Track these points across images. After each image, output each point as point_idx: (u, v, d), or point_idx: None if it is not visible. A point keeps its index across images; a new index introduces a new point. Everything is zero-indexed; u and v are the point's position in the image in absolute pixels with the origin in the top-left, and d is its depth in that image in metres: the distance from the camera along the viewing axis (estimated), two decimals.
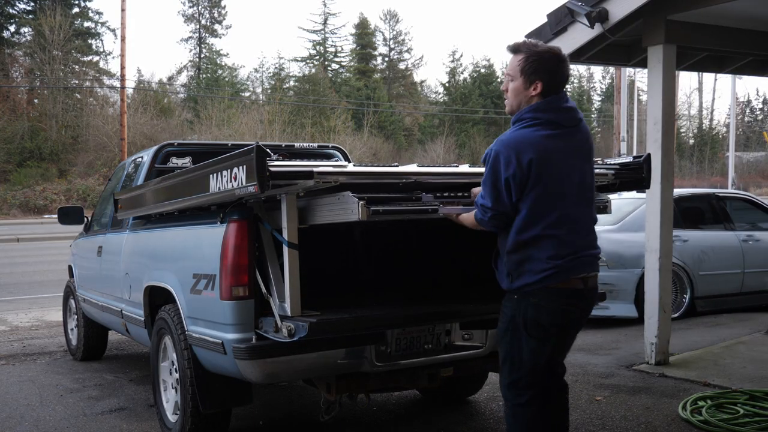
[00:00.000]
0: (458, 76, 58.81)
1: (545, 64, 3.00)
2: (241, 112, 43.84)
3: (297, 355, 3.35)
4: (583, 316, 3.14)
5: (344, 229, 4.00)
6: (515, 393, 3.10)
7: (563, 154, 2.97)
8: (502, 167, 2.89)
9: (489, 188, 2.95)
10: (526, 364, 3.04)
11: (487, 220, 3.02)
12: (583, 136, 3.09)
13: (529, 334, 3.01)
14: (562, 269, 2.94)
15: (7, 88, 39.57)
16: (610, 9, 5.47)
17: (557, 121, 2.99)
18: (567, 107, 3.07)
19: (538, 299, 2.98)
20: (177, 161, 5.26)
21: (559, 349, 3.16)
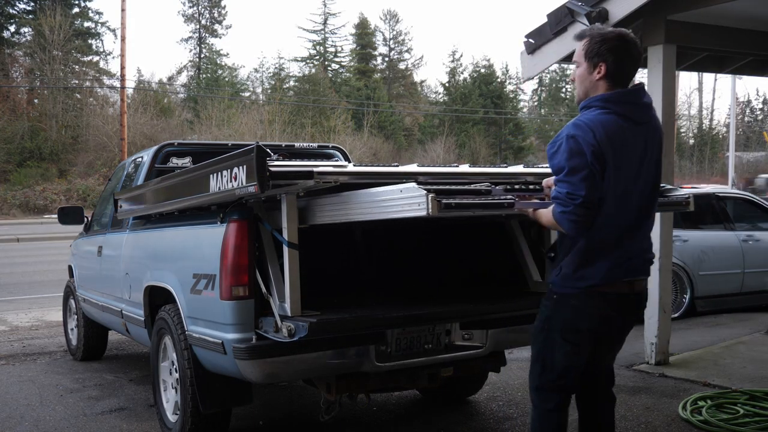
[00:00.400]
0: (458, 76, 58.77)
1: (608, 44, 2.76)
2: (241, 112, 43.83)
3: (297, 355, 3.35)
4: (628, 322, 2.96)
5: (344, 229, 4.00)
6: (543, 397, 2.97)
7: (631, 149, 2.75)
8: (585, 147, 2.63)
9: (571, 174, 2.64)
10: (557, 368, 2.90)
11: (572, 211, 2.64)
12: (654, 134, 2.85)
13: (564, 337, 2.86)
14: (608, 271, 2.77)
15: (7, 88, 39.56)
16: (610, 9, 5.47)
17: (627, 115, 2.76)
18: (640, 102, 2.83)
19: (577, 301, 2.81)
20: (177, 161, 5.26)
21: (598, 356, 2.98)
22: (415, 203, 2.64)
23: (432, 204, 2.57)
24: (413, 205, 2.65)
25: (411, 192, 2.67)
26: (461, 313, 3.84)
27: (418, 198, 2.63)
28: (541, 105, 69.35)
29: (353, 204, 3.03)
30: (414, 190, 2.66)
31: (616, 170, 2.69)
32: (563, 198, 2.66)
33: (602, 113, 2.72)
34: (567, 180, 2.66)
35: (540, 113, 66.96)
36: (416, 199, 2.64)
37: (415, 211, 2.64)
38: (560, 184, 2.69)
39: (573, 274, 2.80)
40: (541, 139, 60.07)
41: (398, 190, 2.76)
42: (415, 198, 2.64)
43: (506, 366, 4.49)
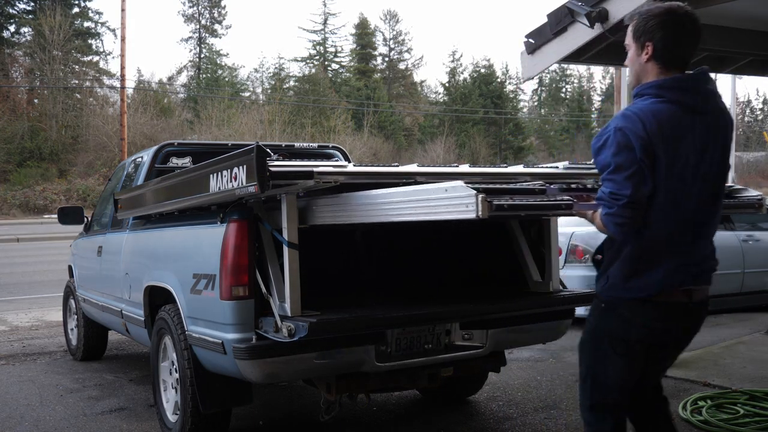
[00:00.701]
0: (458, 76, 58.82)
1: (655, 20, 2.46)
2: (241, 112, 43.84)
3: (297, 355, 3.35)
4: (687, 334, 2.71)
5: (344, 229, 4.00)
6: (597, 416, 2.68)
7: (689, 142, 2.44)
8: (633, 140, 2.37)
9: (616, 172, 2.39)
10: (610, 384, 2.63)
11: (616, 213, 2.38)
12: (718, 125, 2.51)
13: (614, 350, 2.60)
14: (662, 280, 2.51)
15: (7, 88, 39.57)
16: (610, 9, 5.46)
17: (684, 103, 2.45)
18: (700, 89, 2.51)
19: (627, 311, 2.55)
20: (177, 161, 5.26)
21: (653, 370, 2.74)
22: (462, 204, 2.39)
23: (482, 205, 2.31)
24: (459, 207, 2.41)
25: (457, 192, 2.42)
26: (461, 313, 3.84)
27: (465, 198, 2.37)
28: (541, 105, 69.37)
29: (386, 203, 2.86)
30: (461, 190, 2.40)
31: (669, 167, 2.41)
32: (607, 199, 2.41)
33: (655, 102, 2.44)
34: (611, 178, 2.41)
35: (540, 113, 66.97)
36: (463, 199, 2.38)
37: (462, 213, 2.39)
38: (605, 183, 2.44)
39: (622, 283, 2.54)
40: (541, 139, 60.11)
41: (442, 189, 2.50)
42: (463, 198, 2.38)
43: (506, 366, 4.49)
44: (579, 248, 7.73)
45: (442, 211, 2.51)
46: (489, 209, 2.31)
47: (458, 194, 2.41)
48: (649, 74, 2.50)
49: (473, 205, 2.34)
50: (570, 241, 7.72)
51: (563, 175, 3.75)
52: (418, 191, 2.68)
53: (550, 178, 3.80)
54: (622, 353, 2.60)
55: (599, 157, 2.47)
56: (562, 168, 3.82)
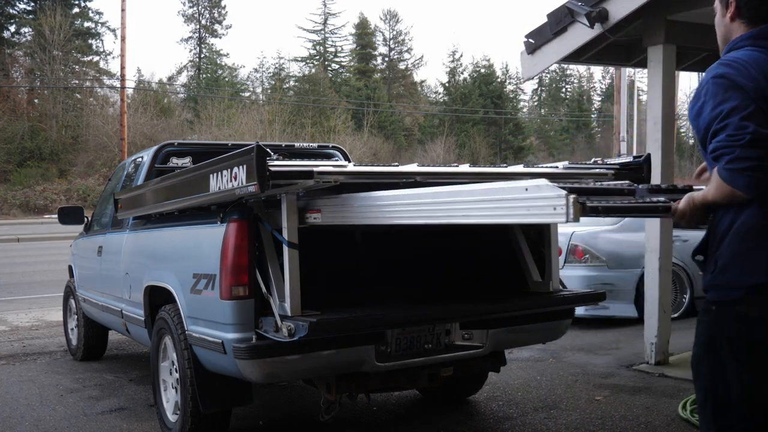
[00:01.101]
0: (458, 76, 58.80)
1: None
2: (241, 112, 43.84)
3: (297, 355, 3.35)
4: None
5: (344, 228, 4.00)
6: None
7: None
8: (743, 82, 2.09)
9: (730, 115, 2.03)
10: (737, 405, 2.15)
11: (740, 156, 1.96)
12: None
13: (737, 360, 2.14)
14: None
15: (7, 88, 39.57)
16: (610, 9, 5.46)
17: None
18: None
19: (746, 307, 2.13)
20: (177, 161, 5.26)
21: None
22: (549, 206, 2.08)
23: (574, 207, 2.00)
24: (545, 209, 2.10)
25: (543, 192, 2.12)
26: (461, 313, 3.84)
27: (553, 200, 2.07)
28: (541, 105, 69.36)
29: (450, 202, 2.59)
30: (547, 189, 2.10)
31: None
32: (724, 144, 2.00)
33: (752, 50, 2.21)
34: (724, 124, 2.03)
35: (540, 113, 66.96)
36: (550, 200, 2.08)
37: (548, 216, 2.10)
38: (717, 135, 2.04)
39: (732, 267, 2.14)
40: (541, 139, 60.09)
41: (521, 188, 2.20)
42: (550, 200, 2.08)
43: (506, 366, 4.49)
44: (579, 248, 7.73)
45: (521, 213, 2.23)
46: (581, 211, 2.02)
47: (543, 194, 2.11)
48: (735, 33, 2.35)
49: (563, 207, 2.03)
50: (570, 241, 7.72)
51: (563, 174, 3.75)
52: (490, 190, 2.40)
53: (550, 178, 3.81)
54: (749, 361, 2.13)
55: (700, 119, 2.13)
56: (562, 168, 3.82)
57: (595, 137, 62.75)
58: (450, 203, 2.59)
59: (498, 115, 54.67)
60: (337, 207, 3.23)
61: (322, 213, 3.29)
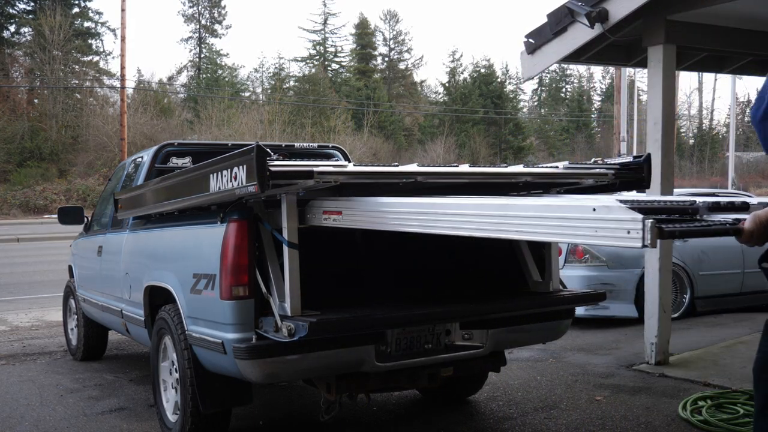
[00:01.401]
0: (458, 76, 58.82)
1: None
2: (241, 112, 43.85)
3: (297, 355, 3.35)
4: None
5: (344, 228, 3.99)
6: None
7: None
8: None
9: None
10: None
11: None
12: None
13: None
14: None
15: (7, 88, 39.58)
16: (610, 9, 5.47)
17: None
18: None
19: None
20: (177, 161, 5.26)
21: None
22: (622, 230, 1.96)
23: (652, 233, 1.89)
24: (617, 232, 1.98)
25: (615, 214, 2.00)
26: (461, 313, 3.84)
27: (628, 223, 1.95)
28: (541, 105, 69.36)
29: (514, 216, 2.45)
30: (620, 212, 1.98)
31: None
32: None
33: None
34: None
35: (540, 113, 66.95)
36: (625, 224, 1.96)
37: (621, 239, 1.97)
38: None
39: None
40: (541, 139, 60.09)
41: (588, 207, 2.07)
42: (624, 223, 1.96)
43: (506, 366, 4.49)
44: (579, 248, 7.73)
45: (589, 234, 2.09)
46: (659, 236, 1.91)
47: (616, 217, 1.98)
48: None
49: (638, 231, 1.91)
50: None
51: (563, 174, 3.75)
52: (555, 207, 2.27)
53: (550, 178, 3.81)
54: None
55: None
56: (562, 168, 3.82)
57: (595, 137, 62.75)
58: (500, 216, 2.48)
59: (498, 115, 54.67)
60: (362, 211, 3.11)
61: (343, 215, 3.21)
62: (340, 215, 3.23)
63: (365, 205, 3.11)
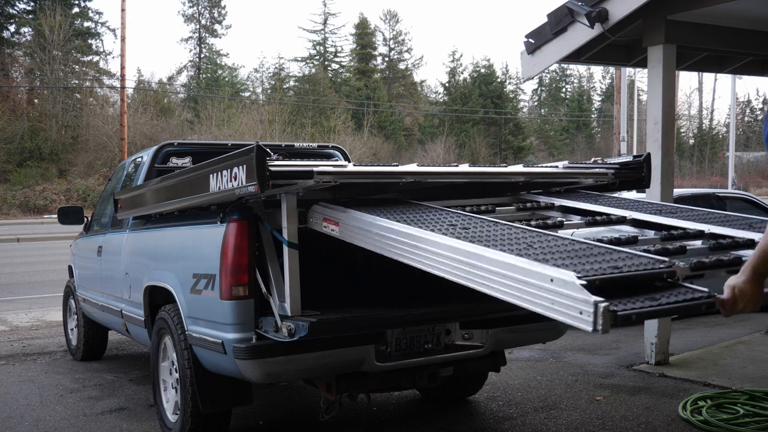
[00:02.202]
0: (458, 76, 58.81)
1: None
2: (241, 112, 43.86)
3: (297, 355, 3.35)
4: None
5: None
6: None
7: None
8: None
9: None
10: None
11: None
12: None
13: None
14: None
15: (7, 88, 39.58)
16: (610, 9, 5.47)
17: None
18: None
19: None
20: (177, 161, 5.26)
21: None
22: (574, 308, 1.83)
23: (604, 318, 1.75)
24: (570, 309, 1.85)
25: (568, 289, 1.86)
26: (461, 312, 3.84)
27: (579, 303, 1.82)
28: (541, 105, 69.35)
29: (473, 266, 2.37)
30: (573, 288, 1.84)
31: None
32: None
33: None
34: None
35: (540, 113, 66.95)
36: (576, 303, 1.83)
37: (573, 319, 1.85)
38: None
39: None
40: (541, 139, 60.09)
41: (546, 276, 1.96)
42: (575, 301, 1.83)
43: (506, 366, 4.49)
44: None
45: (543, 304, 1.97)
46: (612, 321, 1.77)
47: (568, 293, 1.84)
48: None
49: (590, 315, 1.78)
50: None
51: (563, 174, 3.76)
52: (515, 267, 2.14)
53: (550, 177, 3.81)
54: None
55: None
56: (562, 168, 3.82)
57: (595, 137, 62.74)
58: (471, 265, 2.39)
59: (498, 115, 54.67)
60: (354, 228, 3.13)
61: (340, 227, 3.22)
62: (338, 226, 3.25)
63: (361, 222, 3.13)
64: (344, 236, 3.21)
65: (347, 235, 3.19)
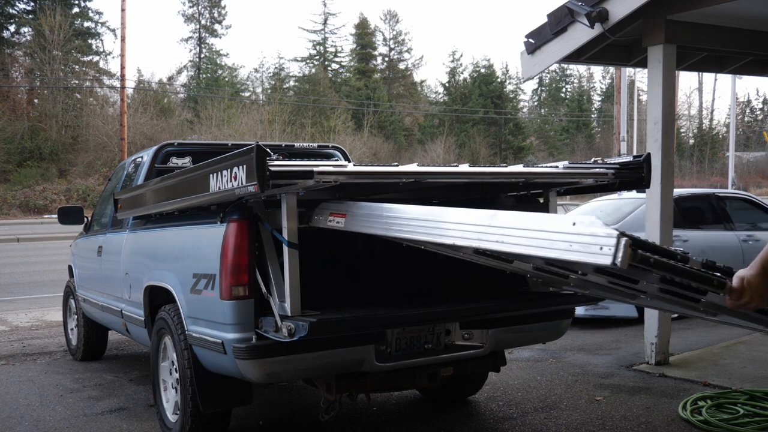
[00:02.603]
0: (458, 76, 58.81)
1: None
2: (241, 112, 43.87)
3: (297, 355, 3.35)
4: None
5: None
6: None
7: None
8: None
9: None
10: None
11: None
12: None
13: None
14: None
15: (7, 88, 39.58)
16: (610, 9, 5.47)
17: None
18: None
19: None
20: (177, 161, 5.26)
21: None
22: (594, 245, 1.94)
23: (624, 252, 1.85)
24: (590, 248, 1.95)
25: (590, 229, 1.97)
26: (461, 313, 3.84)
27: (601, 239, 1.92)
28: (541, 105, 69.35)
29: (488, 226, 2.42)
30: (596, 227, 1.95)
31: None
32: None
33: None
34: None
35: (540, 113, 66.95)
36: (598, 239, 1.93)
37: (592, 255, 1.93)
38: None
39: None
40: (541, 139, 60.10)
41: (568, 221, 2.07)
42: (597, 238, 1.93)
43: (506, 366, 4.49)
44: None
45: (562, 248, 2.05)
46: (632, 257, 1.87)
47: (591, 232, 1.96)
48: None
49: (611, 248, 1.88)
50: None
51: (563, 174, 3.75)
52: (532, 220, 2.25)
53: (550, 177, 3.80)
54: None
55: None
56: (562, 167, 3.82)
57: (595, 137, 62.74)
58: (485, 226, 2.43)
59: (498, 115, 54.67)
60: (362, 216, 3.14)
61: (347, 218, 3.22)
62: (344, 217, 3.26)
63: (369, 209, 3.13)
64: (350, 226, 3.20)
65: (353, 225, 3.18)
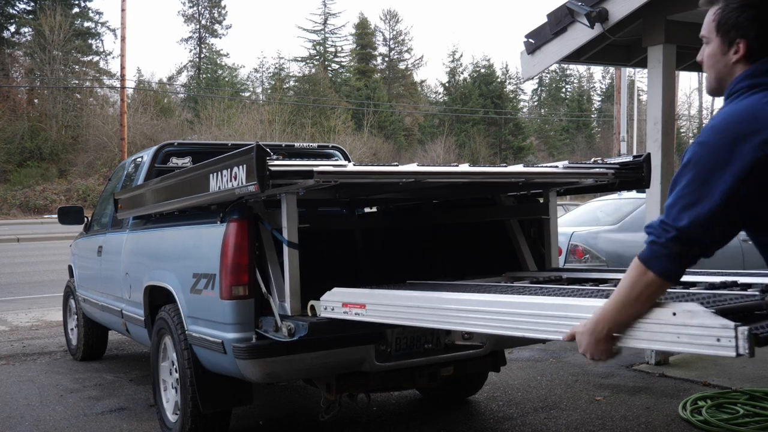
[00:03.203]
0: (458, 76, 58.81)
1: (751, 11, 1.88)
2: (241, 112, 43.87)
3: (297, 355, 3.35)
4: None
5: (344, 228, 3.99)
6: None
7: None
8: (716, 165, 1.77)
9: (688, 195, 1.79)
10: None
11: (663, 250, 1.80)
12: None
13: None
14: None
15: (7, 88, 39.58)
16: (610, 9, 5.47)
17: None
18: None
19: None
20: (177, 161, 5.26)
21: None
22: (710, 337, 1.74)
23: (750, 340, 1.68)
24: (705, 339, 1.76)
25: (698, 319, 1.78)
26: None
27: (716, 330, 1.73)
28: (541, 105, 69.35)
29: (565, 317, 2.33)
30: (705, 317, 1.76)
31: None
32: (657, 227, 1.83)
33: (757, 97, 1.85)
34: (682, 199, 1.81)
35: (540, 113, 66.95)
36: (713, 331, 1.74)
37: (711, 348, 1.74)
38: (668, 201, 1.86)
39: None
40: (541, 139, 60.09)
41: (669, 312, 1.84)
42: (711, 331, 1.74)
43: (506, 366, 4.49)
44: (579, 248, 7.72)
45: (668, 340, 1.84)
46: (756, 343, 1.69)
47: (699, 323, 1.77)
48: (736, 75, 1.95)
49: (731, 339, 1.70)
50: (570, 241, 7.72)
51: (563, 174, 3.75)
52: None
53: (550, 177, 3.81)
54: None
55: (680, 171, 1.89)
56: (562, 167, 3.82)
57: (595, 137, 62.73)
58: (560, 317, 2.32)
59: (498, 115, 54.68)
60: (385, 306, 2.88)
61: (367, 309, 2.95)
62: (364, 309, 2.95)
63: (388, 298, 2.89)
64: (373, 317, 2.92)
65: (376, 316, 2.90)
